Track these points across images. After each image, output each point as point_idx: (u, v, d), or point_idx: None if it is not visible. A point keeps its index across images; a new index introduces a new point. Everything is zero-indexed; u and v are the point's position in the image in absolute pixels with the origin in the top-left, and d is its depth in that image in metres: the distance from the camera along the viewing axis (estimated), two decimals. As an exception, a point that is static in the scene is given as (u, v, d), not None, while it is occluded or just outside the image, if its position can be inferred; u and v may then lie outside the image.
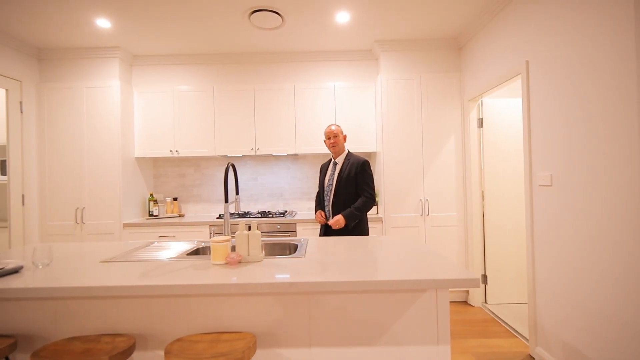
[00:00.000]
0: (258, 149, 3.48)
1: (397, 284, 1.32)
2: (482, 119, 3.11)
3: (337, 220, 2.39)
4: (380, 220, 3.25)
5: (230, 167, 2.16)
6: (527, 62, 2.25)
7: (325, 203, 2.54)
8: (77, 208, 3.25)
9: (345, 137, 2.56)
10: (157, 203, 3.63)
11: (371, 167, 2.54)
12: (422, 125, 3.27)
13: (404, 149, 3.28)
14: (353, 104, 3.49)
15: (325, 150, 3.45)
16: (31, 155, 3.18)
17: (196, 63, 3.60)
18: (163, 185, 3.88)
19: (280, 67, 3.61)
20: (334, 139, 2.50)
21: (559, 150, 2.01)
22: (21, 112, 3.11)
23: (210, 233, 3.26)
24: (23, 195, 3.10)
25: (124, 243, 2.13)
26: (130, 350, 1.34)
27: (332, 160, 2.59)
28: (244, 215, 3.48)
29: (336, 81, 3.58)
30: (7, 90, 3.00)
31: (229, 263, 1.54)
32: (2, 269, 1.45)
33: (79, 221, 3.25)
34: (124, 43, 3.23)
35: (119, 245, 2.06)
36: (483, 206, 3.12)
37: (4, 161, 3.30)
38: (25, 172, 3.12)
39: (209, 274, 1.44)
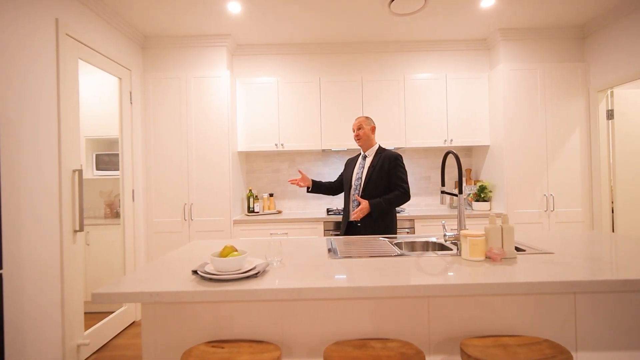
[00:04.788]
0: (367, 143, 3.34)
1: None
2: (612, 110, 2.99)
3: (361, 208, 2.23)
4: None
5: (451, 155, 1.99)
6: None
7: (353, 199, 2.38)
8: (185, 204, 3.10)
9: (373, 129, 2.40)
10: (257, 199, 3.48)
11: (403, 162, 2.34)
12: (545, 117, 3.14)
13: (525, 143, 3.15)
14: (464, 96, 3.35)
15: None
16: (138, 148, 3.02)
17: (300, 53, 3.45)
18: (256, 181, 3.72)
19: (388, 58, 3.46)
20: (357, 130, 2.38)
21: None
22: (131, 102, 2.94)
23: (324, 230, 3.12)
24: (133, 191, 2.93)
25: (303, 239, 1.98)
26: (421, 356, 1.19)
27: (362, 153, 2.45)
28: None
29: (447, 72, 3.44)
30: (120, 79, 2.84)
31: (491, 259, 1.40)
32: (254, 267, 1.30)
33: (187, 218, 3.10)
34: (235, 31, 3.07)
35: (305, 242, 1.91)
36: (612, 202, 2.99)
37: (110, 155, 3.14)
38: (134, 167, 2.95)
39: (488, 271, 1.30)
